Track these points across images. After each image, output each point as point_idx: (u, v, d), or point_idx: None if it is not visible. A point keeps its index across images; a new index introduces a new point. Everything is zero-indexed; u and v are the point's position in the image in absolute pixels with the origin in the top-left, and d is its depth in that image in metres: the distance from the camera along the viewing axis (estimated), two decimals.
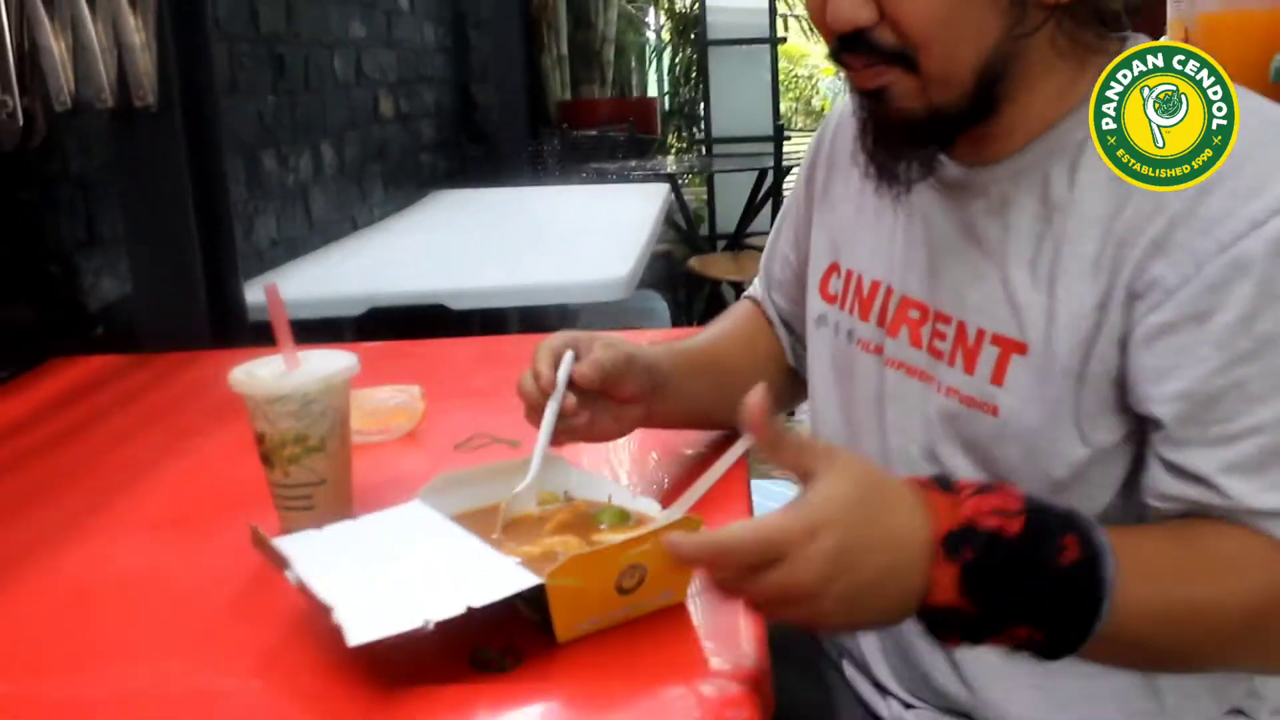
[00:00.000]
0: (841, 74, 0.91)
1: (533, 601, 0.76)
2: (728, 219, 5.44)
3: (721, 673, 0.74)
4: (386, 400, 1.25)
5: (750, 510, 1.03)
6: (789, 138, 4.72)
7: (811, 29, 10.89)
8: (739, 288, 4.86)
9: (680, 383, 1.06)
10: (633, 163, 5.07)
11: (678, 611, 0.80)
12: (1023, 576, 0.71)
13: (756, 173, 4.73)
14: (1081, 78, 0.87)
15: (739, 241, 4.96)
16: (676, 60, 8.90)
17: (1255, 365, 0.77)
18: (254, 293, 2.09)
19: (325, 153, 3.07)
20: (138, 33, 1.65)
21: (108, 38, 1.64)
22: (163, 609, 0.89)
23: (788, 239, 1.19)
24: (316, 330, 0.96)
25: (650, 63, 9.53)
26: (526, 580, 0.75)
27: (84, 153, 1.86)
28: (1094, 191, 0.84)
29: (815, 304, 1.09)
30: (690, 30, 8.20)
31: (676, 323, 4.53)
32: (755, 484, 1.19)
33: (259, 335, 2.00)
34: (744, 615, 0.77)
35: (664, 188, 3.81)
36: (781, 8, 7.30)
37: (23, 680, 0.80)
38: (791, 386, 1.21)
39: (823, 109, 15.24)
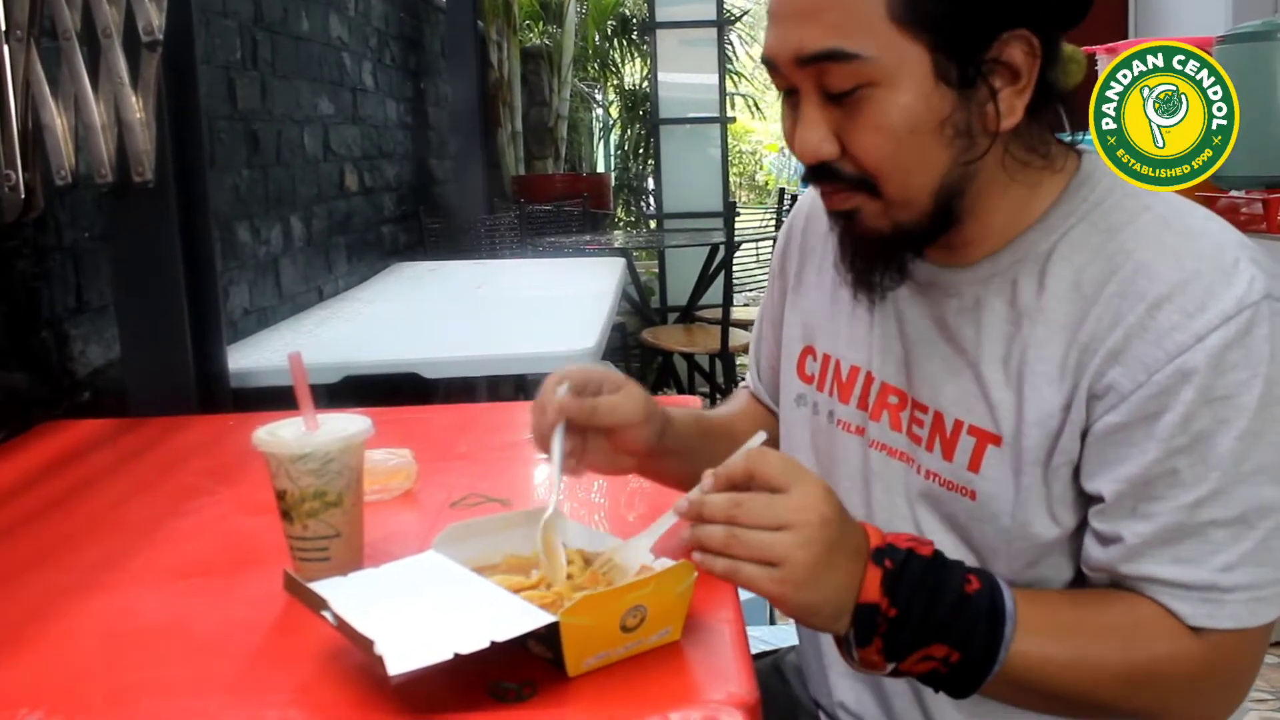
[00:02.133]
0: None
1: (546, 639, 0.84)
2: (679, 292, 5.57)
3: (716, 700, 0.83)
4: (383, 462, 1.32)
5: None
6: (739, 214, 4.86)
7: (757, 107, 11.16)
8: (690, 359, 4.97)
9: (687, 443, 1.14)
10: (587, 237, 5.20)
11: (674, 648, 0.89)
12: (934, 588, 0.86)
13: (708, 247, 4.87)
14: (1038, 192, 0.97)
15: (691, 314, 5.08)
16: (626, 136, 9.09)
17: (1187, 457, 0.88)
18: (233, 360, 2.16)
19: (295, 225, 3.15)
20: (138, 112, 1.73)
21: (109, 116, 1.73)
22: (194, 652, 0.96)
23: (769, 330, 1.27)
24: (293, 398, 1.04)
25: (600, 139, 9.71)
26: (542, 619, 0.83)
27: (74, 225, 1.94)
28: (1059, 301, 0.94)
29: (793, 384, 1.18)
30: (640, 108, 8.40)
31: None
32: None
33: (240, 402, 2.08)
34: (719, 568, 0.85)
35: (620, 262, 3.92)
36: (729, 87, 7.50)
37: (61, 714, 0.85)
38: None
39: (767, 184, 15.53)
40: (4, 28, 1.63)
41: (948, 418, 1.00)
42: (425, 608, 0.90)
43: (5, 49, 1.64)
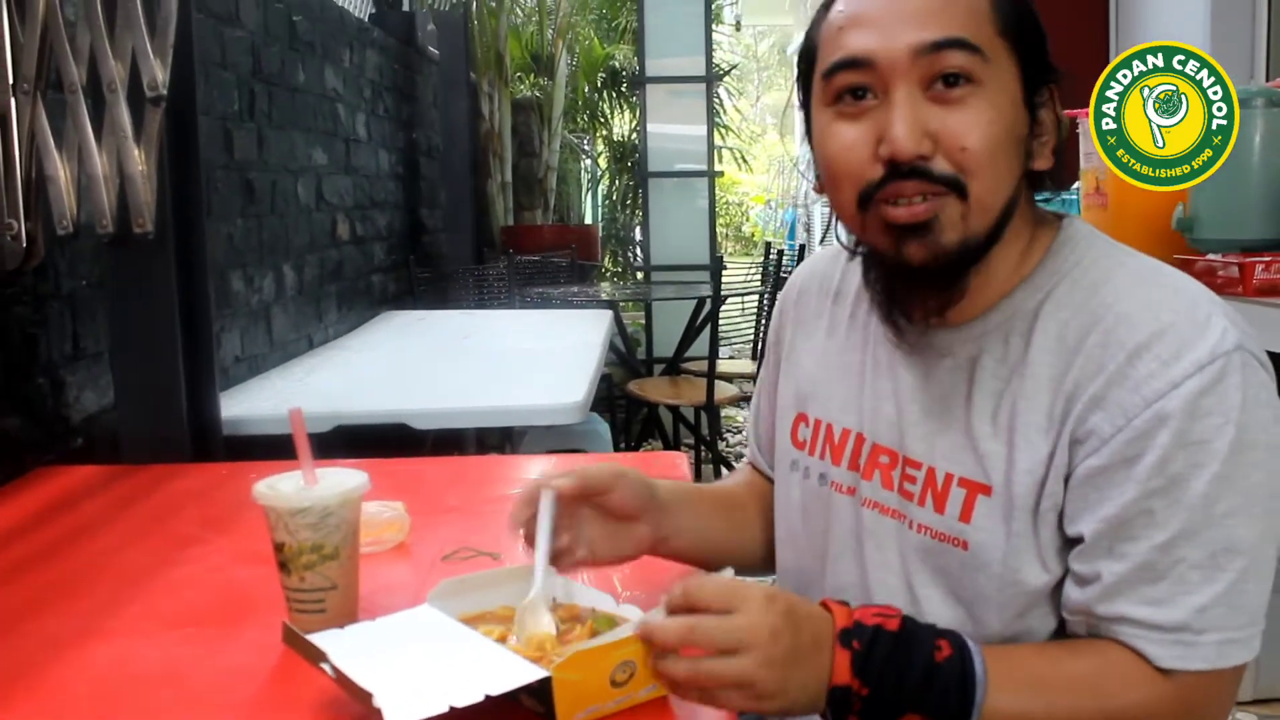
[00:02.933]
0: (864, 221, 1.00)
1: (537, 693, 0.86)
2: (665, 344, 5.60)
3: None
4: (377, 514, 1.35)
5: None
6: (726, 267, 4.90)
7: (744, 160, 11.22)
8: (676, 411, 4.99)
9: (689, 512, 1.17)
10: (575, 288, 5.23)
11: (663, 703, 0.91)
12: (902, 663, 0.89)
13: (695, 300, 4.91)
14: (1030, 252, 1.04)
15: (677, 366, 5.10)
16: (614, 188, 9.16)
17: (1162, 498, 0.92)
18: (225, 408, 2.18)
19: (287, 273, 3.18)
20: (140, 164, 1.76)
21: (111, 168, 1.76)
22: (189, 702, 0.97)
23: (768, 403, 1.30)
24: (288, 445, 1.06)
25: (588, 190, 9.79)
26: (535, 673, 0.86)
27: (73, 273, 1.96)
28: (1045, 354, 0.99)
29: (787, 451, 1.21)
30: (628, 159, 8.48)
31: (616, 445, 4.64)
32: None
33: (232, 449, 2.10)
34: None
35: (607, 314, 3.96)
36: (717, 140, 7.58)
37: None
38: None
39: (753, 235, 15.65)
40: (12, 80, 1.67)
41: (939, 472, 1.04)
42: (421, 661, 0.92)
43: (12, 101, 1.67)
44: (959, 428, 1.03)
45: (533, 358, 3.13)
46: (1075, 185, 3.24)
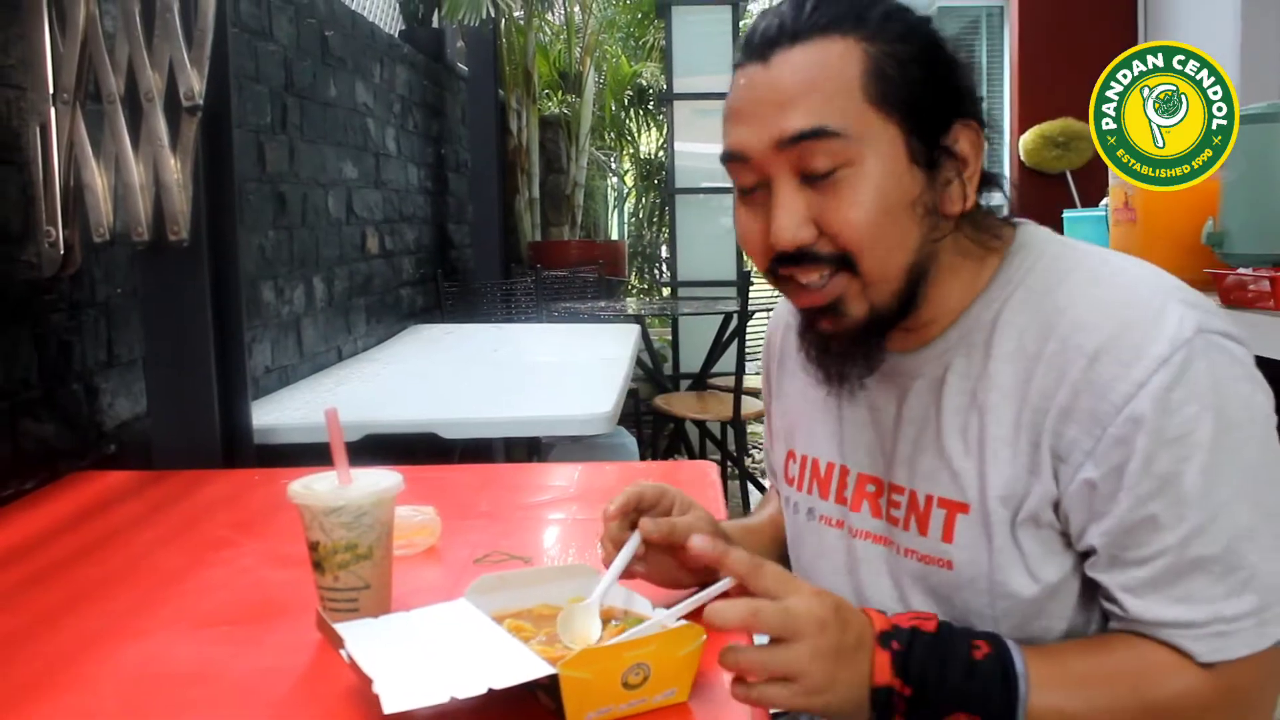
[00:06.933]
0: (782, 290, 1.03)
1: (549, 690, 0.86)
2: (692, 359, 5.59)
3: None
4: (409, 518, 1.35)
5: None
6: (753, 283, 4.90)
7: None
8: (702, 426, 4.98)
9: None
10: (602, 303, 5.25)
11: (697, 704, 0.90)
12: (942, 661, 0.90)
13: (722, 316, 4.91)
14: (984, 267, 1.03)
15: (704, 381, 5.10)
16: (641, 204, 9.19)
17: (1159, 501, 0.91)
18: (256, 417, 2.20)
19: (317, 285, 3.21)
20: (175, 173, 1.79)
21: (147, 177, 1.78)
22: (221, 698, 0.98)
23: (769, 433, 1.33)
24: (318, 454, 1.07)
25: (615, 207, 9.82)
26: (542, 669, 0.86)
27: (108, 281, 1.98)
28: (1005, 364, 0.99)
29: (783, 489, 1.23)
30: (655, 176, 8.50)
31: (642, 458, 4.64)
32: None
33: (262, 458, 2.11)
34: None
35: (634, 328, 3.96)
36: None
37: None
38: None
39: None
40: (51, 91, 1.70)
41: (920, 494, 1.04)
42: (436, 651, 0.93)
43: (52, 111, 1.70)
44: (933, 448, 1.03)
45: (560, 370, 3.14)
46: (1104, 201, 3.23)
